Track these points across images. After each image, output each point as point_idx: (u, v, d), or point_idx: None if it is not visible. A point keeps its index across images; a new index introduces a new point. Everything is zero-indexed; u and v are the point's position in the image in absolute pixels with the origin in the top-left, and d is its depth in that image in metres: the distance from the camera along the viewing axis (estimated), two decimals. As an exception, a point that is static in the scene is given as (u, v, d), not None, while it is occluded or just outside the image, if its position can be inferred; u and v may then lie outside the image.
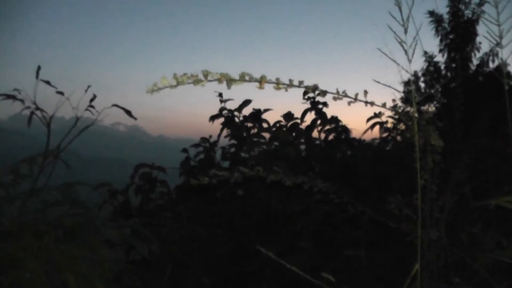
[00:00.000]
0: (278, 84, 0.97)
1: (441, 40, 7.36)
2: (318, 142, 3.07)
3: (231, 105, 3.11)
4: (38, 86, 2.03)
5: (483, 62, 7.14)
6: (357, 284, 2.08)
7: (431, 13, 7.37)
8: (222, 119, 3.10)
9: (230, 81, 0.92)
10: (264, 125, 3.06)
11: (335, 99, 1.02)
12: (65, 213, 1.82)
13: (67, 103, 2.05)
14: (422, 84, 7.53)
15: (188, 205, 2.80)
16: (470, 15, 7.16)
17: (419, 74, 7.49)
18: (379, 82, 1.20)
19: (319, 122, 3.05)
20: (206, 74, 0.90)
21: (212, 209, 2.81)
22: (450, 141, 2.79)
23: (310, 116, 3.08)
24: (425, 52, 7.34)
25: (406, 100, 6.34)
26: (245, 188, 2.72)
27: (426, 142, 1.15)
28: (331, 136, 3.07)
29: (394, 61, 1.12)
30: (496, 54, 6.91)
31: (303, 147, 3.06)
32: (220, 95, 3.09)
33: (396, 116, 2.80)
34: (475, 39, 7.20)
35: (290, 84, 0.99)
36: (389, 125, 3.16)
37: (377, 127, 3.11)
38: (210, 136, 3.13)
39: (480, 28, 6.94)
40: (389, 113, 3.05)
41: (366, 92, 1.04)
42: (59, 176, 2.02)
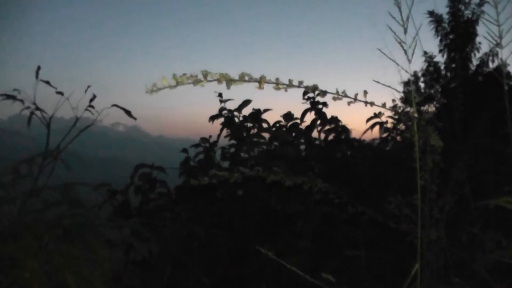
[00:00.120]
0: (277, 84, 0.97)
1: (441, 40, 7.37)
2: (318, 142, 3.06)
3: (231, 105, 3.10)
4: (38, 86, 2.03)
5: (483, 62, 7.15)
6: (357, 284, 2.08)
7: (431, 13, 7.38)
8: (222, 119, 3.09)
9: (230, 81, 0.92)
10: (264, 125, 3.05)
11: (334, 99, 1.02)
12: (64, 213, 1.82)
13: (66, 103, 2.06)
14: (422, 84, 7.55)
15: (187, 205, 2.80)
16: (470, 15, 7.17)
17: (419, 74, 7.50)
18: (378, 82, 1.21)
19: (319, 122, 3.04)
20: (205, 74, 0.90)
21: (212, 209, 2.81)
22: (450, 141, 2.79)
23: (310, 116, 3.07)
24: (425, 52, 7.36)
25: (406, 100, 6.35)
26: (245, 188, 2.72)
27: (426, 142, 1.15)
28: (331, 136, 3.06)
29: (394, 61, 1.12)
30: (496, 54, 6.93)
31: (303, 147, 3.05)
32: (220, 95, 3.09)
33: (396, 116, 2.80)
34: (475, 39, 7.21)
35: (290, 84, 0.99)
36: (389, 125, 3.16)
37: (377, 127, 3.11)
38: (210, 136, 3.12)
39: (480, 28, 6.96)
40: (389, 113, 3.04)
41: (365, 92, 1.04)
42: (59, 176, 2.02)
